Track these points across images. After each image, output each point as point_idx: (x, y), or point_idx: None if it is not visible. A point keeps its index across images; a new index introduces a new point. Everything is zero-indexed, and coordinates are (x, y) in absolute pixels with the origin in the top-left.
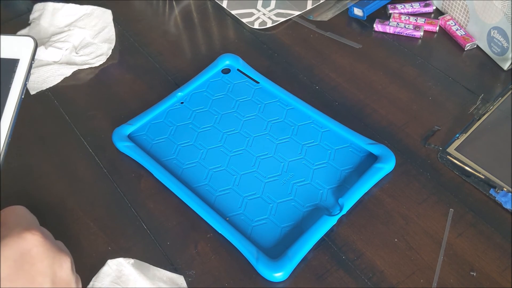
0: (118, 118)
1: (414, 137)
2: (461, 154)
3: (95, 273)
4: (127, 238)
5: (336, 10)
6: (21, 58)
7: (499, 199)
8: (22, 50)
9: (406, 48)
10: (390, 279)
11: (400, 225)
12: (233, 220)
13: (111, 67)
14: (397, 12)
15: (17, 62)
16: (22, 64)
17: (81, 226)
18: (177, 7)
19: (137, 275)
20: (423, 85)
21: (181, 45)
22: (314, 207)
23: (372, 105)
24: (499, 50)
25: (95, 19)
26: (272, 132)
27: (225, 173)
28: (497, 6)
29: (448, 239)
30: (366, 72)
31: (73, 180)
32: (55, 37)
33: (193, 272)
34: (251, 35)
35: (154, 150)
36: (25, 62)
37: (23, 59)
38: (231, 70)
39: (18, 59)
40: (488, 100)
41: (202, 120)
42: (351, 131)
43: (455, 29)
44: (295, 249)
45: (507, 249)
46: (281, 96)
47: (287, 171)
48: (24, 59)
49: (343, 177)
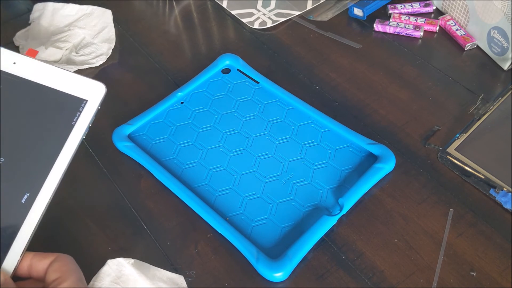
0: (118, 118)
1: (414, 137)
2: (461, 154)
3: (95, 273)
4: (127, 238)
5: (336, 10)
6: (89, 100)
7: (499, 199)
8: (91, 92)
9: (406, 48)
10: (390, 279)
11: (400, 225)
12: (233, 220)
13: (111, 67)
14: (397, 12)
15: (85, 102)
16: (91, 105)
17: (81, 226)
18: (177, 7)
19: (137, 275)
20: (423, 85)
21: (181, 45)
22: (314, 207)
23: (372, 105)
24: (499, 50)
25: (95, 19)
26: (272, 132)
27: (225, 173)
28: (497, 6)
29: (448, 239)
30: (366, 72)
31: (73, 180)
32: (55, 37)
33: (193, 272)
34: (251, 35)
35: (154, 150)
36: (94, 104)
37: (91, 101)
38: (231, 70)
39: (87, 100)
40: (488, 100)
41: (202, 120)
42: (351, 131)
43: (455, 29)
44: (295, 249)
45: (507, 249)
46: (281, 96)
47: (287, 171)
48: (93, 101)
49: (343, 177)
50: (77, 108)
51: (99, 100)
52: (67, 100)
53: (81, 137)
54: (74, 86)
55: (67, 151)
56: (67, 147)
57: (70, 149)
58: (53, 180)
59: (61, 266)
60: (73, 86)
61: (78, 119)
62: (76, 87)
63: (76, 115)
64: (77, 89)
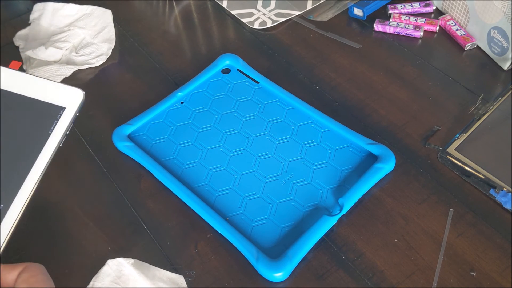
0: (118, 118)
1: (414, 137)
2: (461, 154)
3: (95, 273)
4: (127, 238)
5: (336, 10)
6: (67, 107)
7: (499, 199)
8: (69, 100)
9: (406, 48)
10: (390, 279)
11: (400, 225)
12: (233, 220)
13: (111, 67)
14: (397, 12)
15: (62, 110)
16: (68, 113)
17: (81, 226)
18: (177, 7)
19: (137, 275)
20: (423, 85)
21: (181, 45)
22: (314, 207)
23: (372, 105)
24: (499, 50)
25: (95, 19)
26: (272, 132)
27: (225, 173)
28: (497, 6)
29: (448, 239)
30: (366, 72)
31: (73, 180)
32: (55, 37)
33: (193, 272)
34: (251, 35)
35: (154, 150)
36: (71, 112)
37: (69, 108)
38: (231, 70)
39: (64, 107)
40: (488, 100)
41: (202, 120)
42: (351, 131)
43: (455, 29)
44: (295, 249)
45: (507, 249)
46: (281, 96)
47: (287, 171)
48: (70, 108)
49: (343, 177)
50: (54, 116)
51: (77, 106)
52: (45, 108)
53: (56, 146)
54: (52, 94)
55: (42, 161)
56: (41, 157)
57: (44, 158)
58: (26, 190)
59: (30, 277)
60: (51, 94)
61: (55, 127)
62: (54, 95)
63: (53, 123)
64: (55, 97)
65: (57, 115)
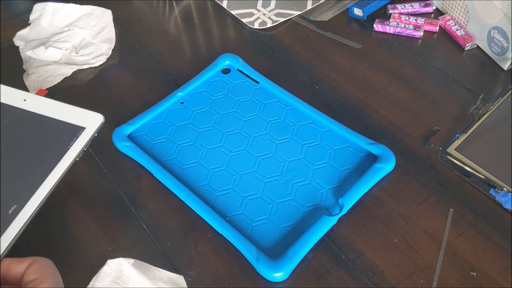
0: (118, 118)
1: (414, 137)
2: (461, 154)
3: (95, 273)
4: (127, 238)
5: (336, 10)
6: (87, 127)
7: (499, 199)
8: (90, 122)
9: (406, 48)
10: (390, 279)
11: (400, 225)
12: (233, 220)
13: (111, 67)
14: (397, 12)
15: (82, 129)
16: (87, 132)
17: (81, 226)
18: (177, 7)
19: (137, 275)
20: (423, 85)
21: (181, 45)
22: (314, 207)
23: (372, 105)
24: (499, 50)
25: (95, 19)
26: (272, 132)
27: (225, 173)
28: (497, 6)
29: (448, 239)
30: (366, 72)
31: (73, 180)
32: (55, 37)
33: (193, 272)
34: (251, 35)
35: (154, 150)
36: (90, 131)
37: (88, 128)
38: (231, 70)
39: (84, 127)
40: (488, 100)
41: (202, 120)
42: (351, 131)
43: (455, 29)
44: (295, 249)
45: (507, 249)
46: (281, 96)
47: (287, 171)
48: (90, 129)
49: (343, 177)
50: (74, 134)
51: (96, 128)
52: (67, 128)
53: (73, 159)
54: (75, 117)
55: (58, 171)
56: (58, 167)
57: (61, 169)
58: (39, 196)
59: (40, 269)
60: (74, 117)
61: (73, 144)
62: (77, 117)
63: (73, 140)
64: (77, 119)
65: (77, 134)
